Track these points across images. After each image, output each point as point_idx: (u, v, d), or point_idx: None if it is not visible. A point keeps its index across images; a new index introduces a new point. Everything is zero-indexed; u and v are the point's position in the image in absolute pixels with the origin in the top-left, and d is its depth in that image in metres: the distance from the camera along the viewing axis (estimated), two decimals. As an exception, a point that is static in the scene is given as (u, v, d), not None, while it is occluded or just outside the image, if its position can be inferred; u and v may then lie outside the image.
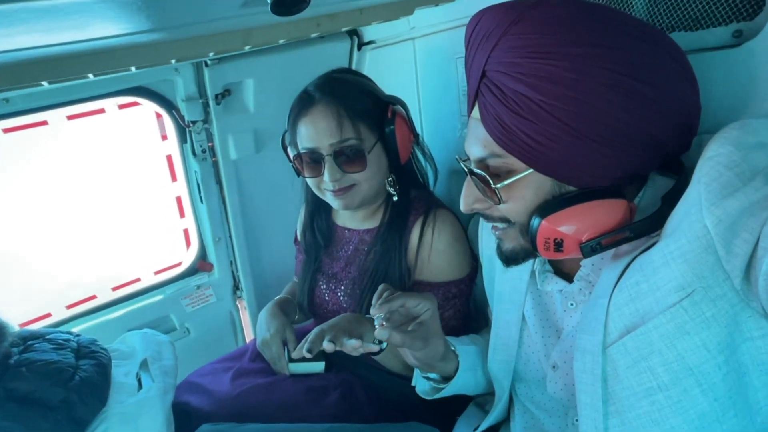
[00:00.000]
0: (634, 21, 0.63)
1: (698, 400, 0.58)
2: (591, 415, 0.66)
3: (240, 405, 1.04)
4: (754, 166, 0.54)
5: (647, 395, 0.61)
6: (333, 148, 1.01)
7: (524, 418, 0.87)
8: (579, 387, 0.68)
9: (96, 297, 1.50)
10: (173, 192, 1.56)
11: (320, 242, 1.23)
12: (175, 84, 1.37)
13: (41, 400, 0.78)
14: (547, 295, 0.81)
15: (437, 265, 1.07)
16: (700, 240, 0.56)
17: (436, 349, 0.84)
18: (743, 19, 0.74)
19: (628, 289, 0.62)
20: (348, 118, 1.01)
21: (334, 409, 1.07)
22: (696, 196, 0.56)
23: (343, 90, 1.04)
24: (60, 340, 0.88)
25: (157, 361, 1.00)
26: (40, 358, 0.82)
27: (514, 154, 0.65)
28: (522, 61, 0.61)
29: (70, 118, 1.33)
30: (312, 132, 1.02)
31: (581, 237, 0.66)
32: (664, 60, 0.61)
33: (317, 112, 1.02)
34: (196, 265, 1.63)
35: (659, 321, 0.59)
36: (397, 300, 0.79)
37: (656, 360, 0.60)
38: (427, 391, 0.94)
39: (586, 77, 0.59)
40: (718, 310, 0.56)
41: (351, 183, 1.04)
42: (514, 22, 0.62)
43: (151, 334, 1.10)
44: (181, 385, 1.14)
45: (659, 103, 0.61)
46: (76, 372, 0.83)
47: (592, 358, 0.65)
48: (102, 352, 0.90)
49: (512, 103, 0.63)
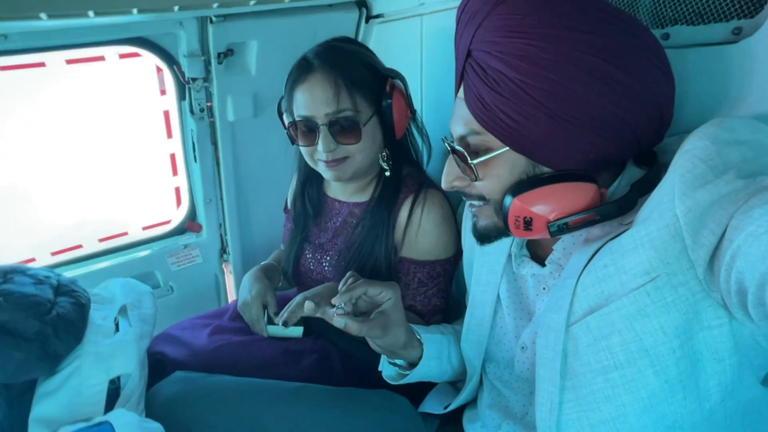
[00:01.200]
0: (615, 10, 0.65)
1: (650, 381, 0.61)
2: (547, 389, 0.69)
3: (215, 359, 1.04)
4: (727, 161, 0.56)
5: (603, 372, 0.63)
6: (328, 118, 1.00)
7: (491, 395, 0.88)
8: (539, 362, 0.70)
9: (82, 246, 1.50)
10: (168, 149, 1.55)
11: (309, 212, 1.23)
12: (178, 38, 1.36)
13: (16, 330, 0.78)
14: (522, 279, 0.83)
15: (424, 244, 1.08)
16: (669, 228, 0.57)
17: (397, 338, 0.85)
18: (744, 16, 0.75)
19: (596, 271, 0.64)
20: (345, 88, 1.00)
21: (309, 373, 1.08)
22: (670, 185, 0.58)
23: (342, 59, 1.03)
24: (40, 276, 0.88)
25: (136, 309, 1.01)
26: (19, 290, 0.82)
27: (492, 132, 0.68)
28: (502, 40, 0.63)
29: (69, 63, 1.32)
30: (308, 100, 1.01)
31: (550, 217, 0.68)
32: (642, 51, 0.63)
33: (315, 80, 1.01)
34: (185, 225, 1.63)
35: (622, 303, 0.61)
36: (359, 288, 0.82)
37: (615, 340, 0.62)
38: (393, 377, 0.96)
39: (562, 58, 0.61)
40: (678, 296, 0.58)
41: (344, 155, 1.04)
42: (498, 2, 0.65)
43: (133, 283, 1.10)
44: (158, 336, 1.15)
45: (633, 91, 0.63)
46: (53, 307, 0.83)
47: (555, 335, 0.68)
48: (81, 291, 0.91)
49: (492, 82, 0.65)
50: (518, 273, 0.82)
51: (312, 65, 1.02)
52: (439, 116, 1.40)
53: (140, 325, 0.96)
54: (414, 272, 1.08)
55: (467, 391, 0.92)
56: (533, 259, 0.80)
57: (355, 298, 0.83)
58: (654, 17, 0.88)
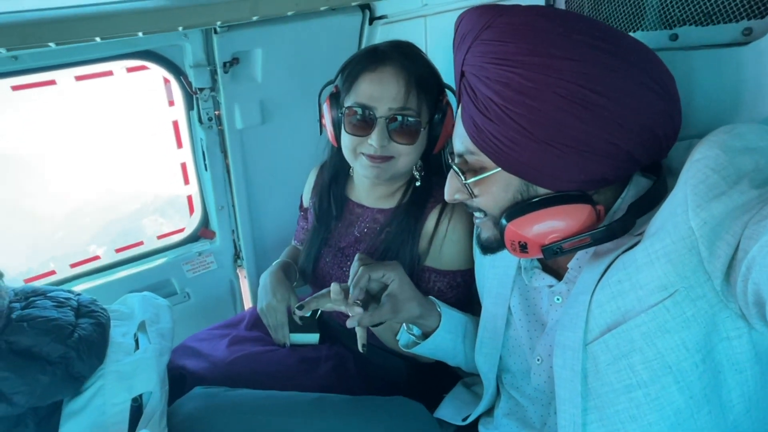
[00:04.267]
0: (602, 33, 0.64)
1: (675, 397, 0.60)
2: (569, 411, 0.68)
3: (234, 371, 1.06)
4: (739, 170, 0.55)
5: (626, 392, 0.63)
6: (391, 113, 0.97)
7: (508, 404, 0.88)
8: (558, 383, 0.69)
9: (99, 257, 1.53)
10: (178, 158, 1.56)
11: (333, 212, 1.19)
12: (183, 50, 1.37)
13: (41, 355, 0.80)
14: (534, 290, 0.83)
15: (448, 255, 1.07)
16: (685, 241, 0.57)
17: (411, 312, 0.89)
18: (754, 16, 0.73)
19: (611, 287, 0.63)
20: (416, 88, 0.97)
21: (325, 380, 1.10)
22: (682, 197, 0.57)
23: (418, 60, 1.01)
24: (61, 298, 0.90)
25: (154, 324, 1.03)
26: (41, 314, 0.84)
27: (485, 153, 0.69)
28: (488, 66, 0.65)
29: (78, 79, 1.34)
30: (376, 90, 0.96)
31: (543, 241, 0.68)
32: (630, 74, 0.62)
33: (388, 72, 0.97)
34: (199, 232, 1.65)
35: (641, 320, 0.60)
36: (363, 278, 0.86)
37: (637, 358, 0.61)
38: (408, 344, 0.97)
39: (543, 86, 0.62)
40: (698, 310, 0.58)
41: (391, 154, 1.01)
42: (484, 27, 0.65)
43: (151, 297, 1.12)
44: (177, 348, 1.17)
45: (620, 117, 0.62)
46: (75, 330, 0.85)
47: (572, 354, 0.67)
48: (101, 311, 0.93)
49: (481, 105, 0.66)
50: (530, 285, 0.82)
51: (387, 56, 0.98)
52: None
53: (159, 341, 0.98)
54: (435, 281, 1.08)
55: (485, 401, 0.93)
56: (545, 271, 0.80)
57: (363, 287, 0.86)
58: (661, 18, 0.86)
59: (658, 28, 0.86)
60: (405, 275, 0.89)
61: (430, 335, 0.93)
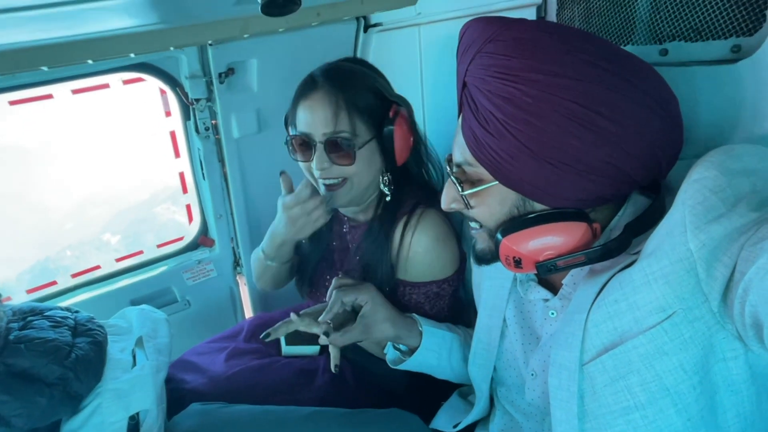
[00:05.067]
0: (606, 52, 0.63)
1: (673, 420, 0.60)
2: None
3: (232, 385, 1.07)
4: (737, 192, 0.55)
5: (624, 414, 0.62)
6: (325, 137, 1.00)
7: (503, 419, 0.89)
8: (554, 404, 0.69)
9: (100, 267, 1.55)
10: (177, 168, 1.57)
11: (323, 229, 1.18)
12: (179, 61, 1.37)
13: (39, 377, 0.82)
14: (530, 303, 0.83)
15: (416, 267, 1.06)
16: (683, 262, 0.56)
17: (384, 333, 0.92)
18: (743, 34, 0.73)
19: (607, 306, 0.63)
20: (345, 110, 1.00)
21: (323, 392, 1.11)
22: (680, 218, 0.57)
23: (347, 80, 1.03)
24: (58, 317, 0.91)
25: (152, 339, 1.04)
26: (38, 336, 0.85)
27: (483, 165, 0.69)
28: (490, 79, 0.64)
29: (75, 92, 1.34)
30: (309, 117, 1.01)
31: (538, 257, 0.68)
32: (634, 95, 0.62)
33: (317, 99, 1.01)
34: (198, 241, 1.66)
35: (639, 341, 0.60)
36: (336, 304, 0.92)
37: (634, 379, 0.61)
38: (395, 361, 0.99)
39: (544, 104, 0.61)
40: (695, 331, 0.57)
41: (340, 176, 1.02)
42: (488, 40, 0.65)
43: (148, 311, 1.13)
44: (176, 363, 1.19)
45: (620, 138, 0.62)
46: (72, 350, 0.86)
47: (568, 374, 0.66)
48: (98, 329, 0.94)
49: (481, 118, 0.66)
50: (525, 298, 0.82)
51: (316, 83, 1.02)
52: (441, 125, 1.39)
53: (156, 357, 0.99)
54: (410, 294, 1.08)
55: (476, 411, 0.94)
56: (540, 284, 0.80)
57: (337, 311, 0.91)
58: (651, 32, 0.86)
59: (648, 42, 0.86)
60: (378, 297, 0.92)
61: (413, 353, 0.94)
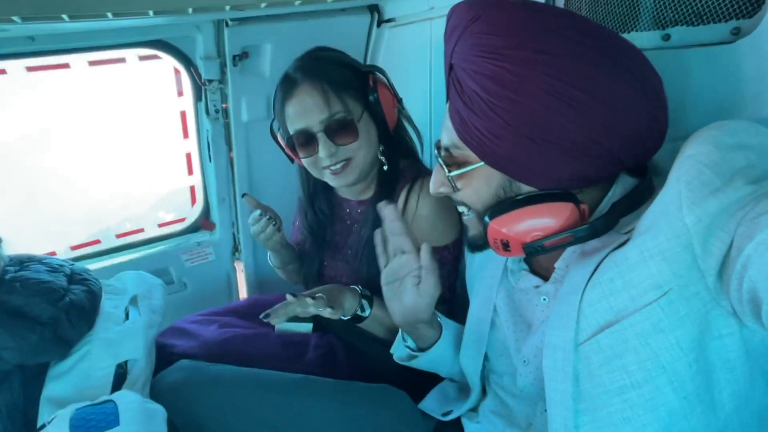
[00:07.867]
0: (592, 30, 0.64)
1: (669, 398, 0.59)
2: (561, 413, 0.66)
3: (223, 350, 1.06)
4: (733, 167, 0.55)
5: (619, 393, 0.61)
6: (324, 124, 1.02)
7: (494, 402, 0.87)
8: (548, 384, 0.68)
9: (100, 242, 1.56)
10: (184, 148, 1.60)
11: (325, 223, 1.24)
12: (195, 41, 1.41)
13: (31, 314, 0.82)
14: (521, 291, 0.82)
15: (419, 230, 1.07)
16: (680, 238, 0.56)
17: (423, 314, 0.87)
18: (743, 16, 0.75)
19: (602, 285, 0.62)
20: (333, 91, 1.02)
21: (313, 366, 1.10)
22: (675, 193, 0.56)
23: (323, 66, 1.06)
24: (55, 264, 0.92)
25: (146, 299, 1.04)
26: (34, 276, 0.86)
27: (469, 147, 0.69)
28: (475, 59, 0.65)
29: (92, 64, 1.38)
30: (300, 111, 1.04)
31: (525, 239, 0.68)
32: (618, 73, 0.62)
33: (302, 92, 1.03)
34: (199, 223, 1.67)
35: (635, 319, 0.59)
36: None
37: (630, 358, 0.60)
38: (403, 358, 0.97)
39: (527, 81, 0.61)
40: (691, 308, 0.57)
41: (347, 157, 1.05)
42: (472, 20, 0.65)
43: (146, 276, 1.14)
44: (167, 329, 1.18)
45: (603, 115, 0.62)
46: (66, 294, 0.87)
47: (563, 354, 0.65)
48: (93, 280, 0.94)
49: (467, 99, 0.66)
50: (516, 287, 0.82)
51: (296, 79, 1.05)
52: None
53: (149, 315, 1.00)
54: None
55: (470, 402, 0.92)
56: (532, 272, 0.80)
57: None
58: (655, 18, 0.88)
59: (651, 28, 0.88)
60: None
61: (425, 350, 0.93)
